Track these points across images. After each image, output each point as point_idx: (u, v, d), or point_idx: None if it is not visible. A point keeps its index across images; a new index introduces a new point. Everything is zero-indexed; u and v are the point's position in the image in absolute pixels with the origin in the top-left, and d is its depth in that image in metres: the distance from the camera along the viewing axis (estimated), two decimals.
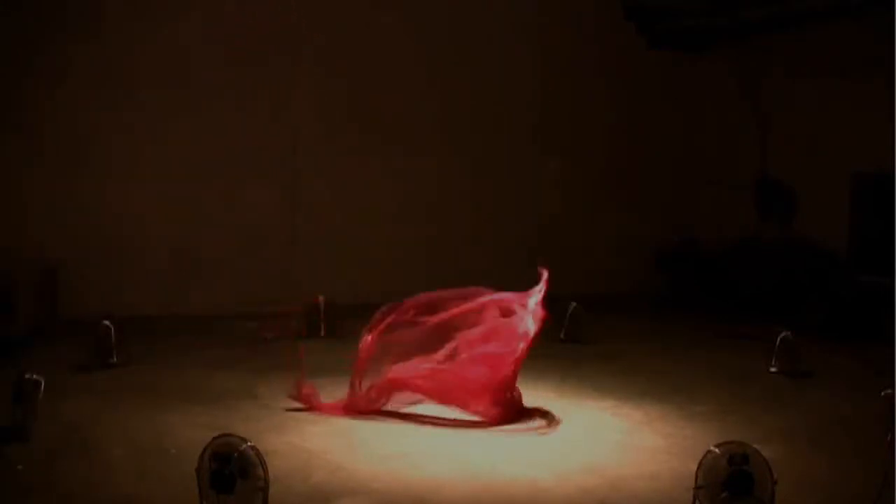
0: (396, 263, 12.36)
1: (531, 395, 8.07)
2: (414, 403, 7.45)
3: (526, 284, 7.72)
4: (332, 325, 10.28)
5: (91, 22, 11.20)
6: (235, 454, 4.99)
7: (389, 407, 7.43)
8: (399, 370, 7.47)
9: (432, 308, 7.66)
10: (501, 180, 13.10)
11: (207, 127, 11.69)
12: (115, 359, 8.74)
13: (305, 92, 12.20)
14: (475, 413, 7.28)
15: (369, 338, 7.59)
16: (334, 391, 8.04)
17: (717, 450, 5.06)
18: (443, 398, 7.36)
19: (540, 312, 7.51)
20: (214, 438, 5.12)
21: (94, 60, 11.23)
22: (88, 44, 11.18)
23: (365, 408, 7.41)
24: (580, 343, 10.02)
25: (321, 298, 10.31)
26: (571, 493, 5.76)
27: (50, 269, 10.89)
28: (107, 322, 8.80)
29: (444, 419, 7.29)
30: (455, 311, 7.63)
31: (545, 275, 7.65)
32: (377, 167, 12.47)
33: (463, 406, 7.31)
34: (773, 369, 8.81)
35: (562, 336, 10.11)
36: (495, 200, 13.15)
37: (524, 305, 7.59)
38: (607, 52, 13.65)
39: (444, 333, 7.60)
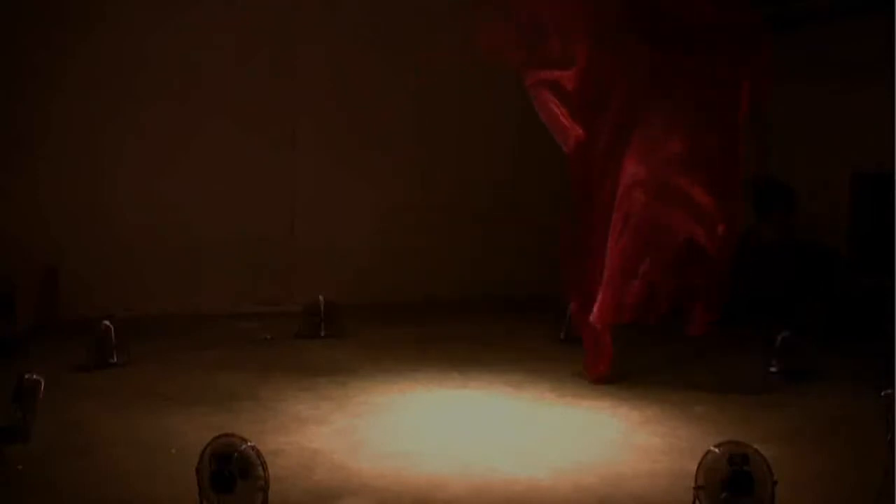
0: (396, 264, 12.39)
1: (530, 395, 8.10)
2: None
3: (524, 286, 7.72)
4: (331, 325, 10.28)
5: (94, 22, 11.19)
6: (236, 454, 4.99)
7: None
8: None
9: None
10: (499, 183, 13.04)
11: (208, 130, 11.68)
12: (115, 359, 8.74)
13: (305, 98, 12.20)
14: None
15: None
16: (334, 391, 8.07)
17: (717, 450, 5.07)
18: None
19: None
20: (215, 438, 5.12)
21: (97, 63, 11.22)
22: (92, 46, 11.17)
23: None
24: (580, 343, 10.00)
25: (321, 298, 10.32)
26: (569, 493, 5.76)
27: (50, 269, 10.90)
28: (107, 322, 8.81)
29: None
30: None
31: None
32: (376, 169, 12.45)
33: None
34: (773, 369, 8.80)
35: (562, 336, 10.11)
36: (494, 204, 13.10)
37: None
38: None
39: None
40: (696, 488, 5.06)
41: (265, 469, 5.02)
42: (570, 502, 5.65)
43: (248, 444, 5.07)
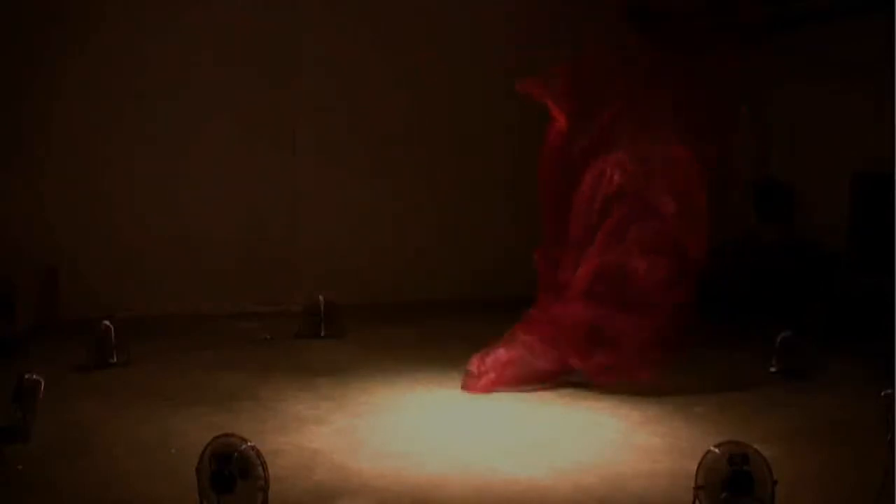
0: (395, 264, 12.39)
1: (530, 395, 8.10)
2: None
3: (524, 286, 7.70)
4: (331, 325, 10.28)
5: (95, 22, 11.18)
6: (235, 454, 4.99)
7: None
8: None
9: None
10: (499, 183, 13.02)
11: (208, 130, 11.69)
12: (115, 359, 8.74)
13: (305, 99, 12.19)
14: None
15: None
16: (334, 391, 8.07)
17: (717, 450, 5.07)
18: None
19: None
20: (215, 438, 5.12)
21: (97, 64, 11.22)
22: (92, 47, 11.16)
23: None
24: None
25: (321, 298, 10.32)
26: (570, 493, 5.76)
27: (50, 269, 10.90)
28: (107, 322, 8.81)
29: None
30: None
31: None
32: (376, 170, 12.45)
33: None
34: (773, 369, 8.80)
35: None
36: (494, 205, 13.08)
37: None
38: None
39: None
40: (696, 488, 5.06)
41: (265, 469, 5.02)
42: (570, 502, 5.65)
43: (248, 444, 5.07)
